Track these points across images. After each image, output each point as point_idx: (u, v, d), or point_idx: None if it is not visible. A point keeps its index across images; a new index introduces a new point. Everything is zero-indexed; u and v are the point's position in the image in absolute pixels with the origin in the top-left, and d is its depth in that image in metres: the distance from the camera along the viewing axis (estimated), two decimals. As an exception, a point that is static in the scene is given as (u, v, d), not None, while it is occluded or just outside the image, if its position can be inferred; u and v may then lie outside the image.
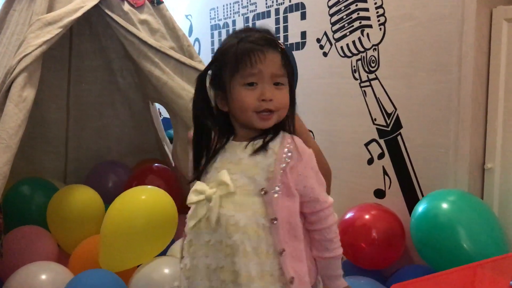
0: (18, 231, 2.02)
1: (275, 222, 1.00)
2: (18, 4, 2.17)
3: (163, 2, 2.17)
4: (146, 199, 1.82)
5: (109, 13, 2.05)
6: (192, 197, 1.03)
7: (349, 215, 1.85)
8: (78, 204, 2.07)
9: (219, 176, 1.01)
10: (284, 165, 1.02)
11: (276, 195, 1.01)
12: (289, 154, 1.03)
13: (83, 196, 2.12)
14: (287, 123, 1.08)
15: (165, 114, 2.75)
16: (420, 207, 1.62)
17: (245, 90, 1.03)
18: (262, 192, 1.00)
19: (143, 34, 2.05)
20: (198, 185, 1.03)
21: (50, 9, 1.97)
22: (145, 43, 2.05)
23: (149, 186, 1.94)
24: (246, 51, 1.03)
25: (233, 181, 1.01)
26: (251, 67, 1.02)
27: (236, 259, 0.98)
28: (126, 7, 2.07)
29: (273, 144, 1.05)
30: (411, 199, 1.86)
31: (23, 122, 1.74)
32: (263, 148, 1.03)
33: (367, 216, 1.83)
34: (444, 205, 1.57)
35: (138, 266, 1.78)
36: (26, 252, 1.94)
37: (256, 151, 1.03)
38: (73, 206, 2.06)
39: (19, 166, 2.17)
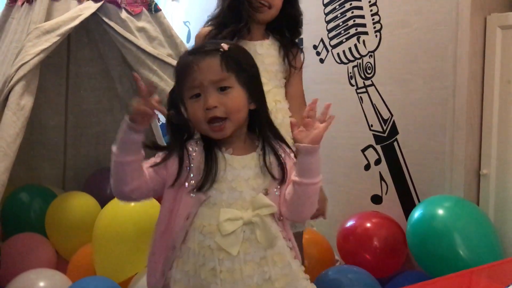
0: (17, 238, 2.03)
1: (280, 218, 1.10)
2: (16, 12, 2.18)
3: (160, 10, 2.19)
4: (135, 206, 1.84)
5: (107, 20, 2.07)
6: (228, 227, 1.02)
7: (349, 223, 1.85)
8: (77, 211, 2.08)
9: (259, 200, 1.05)
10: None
11: (277, 194, 1.09)
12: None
13: (81, 203, 2.12)
14: (260, 119, 1.10)
15: (163, 119, 2.76)
16: (416, 213, 1.63)
17: (193, 103, 1.05)
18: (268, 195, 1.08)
19: (141, 42, 2.06)
20: (228, 213, 1.03)
21: (48, 17, 1.98)
22: (143, 50, 2.06)
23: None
24: (184, 65, 1.06)
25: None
26: (191, 80, 1.04)
27: (281, 264, 1.06)
28: (124, 14, 2.09)
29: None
30: (408, 205, 1.87)
31: (21, 130, 1.75)
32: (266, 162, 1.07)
33: (368, 224, 1.84)
34: (440, 211, 1.59)
35: (135, 274, 1.78)
36: (25, 259, 1.94)
37: (262, 163, 1.08)
38: (71, 213, 2.07)
39: (18, 172, 2.18)
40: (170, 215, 1.07)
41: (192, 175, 1.05)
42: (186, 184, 1.05)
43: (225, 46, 1.05)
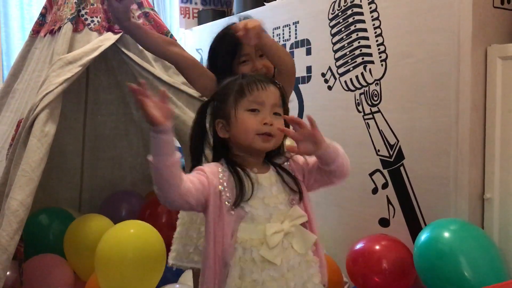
0: (36, 260, 2.11)
1: (307, 223, 1.21)
2: (39, 43, 2.30)
3: (176, 40, 2.29)
4: (134, 232, 1.92)
5: (125, 51, 2.18)
6: (275, 240, 1.12)
7: (358, 246, 1.91)
8: (94, 233, 2.15)
9: (295, 211, 1.17)
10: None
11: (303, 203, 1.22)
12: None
13: (98, 225, 2.20)
14: (280, 152, 1.24)
15: (177, 143, 2.85)
16: (423, 236, 1.69)
17: (249, 115, 1.17)
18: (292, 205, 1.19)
19: (157, 71, 2.17)
20: (274, 227, 1.13)
21: (70, 48, 2.09)
22: (159, 79, 2.16)
23: (138, 221, 2.05)
24: (253, 81, 1.19)
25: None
26: (257, 94, 1.17)
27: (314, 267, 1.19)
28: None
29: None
30: (415, 228, 1.92)
31: (44, 156, 1.84)
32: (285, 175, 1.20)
33: (377, 247, 1.89)
34: (446, 234, 1.64)
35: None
36: (44, 279, 2.02)
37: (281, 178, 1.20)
38: (88, 235, 2.15)
39: (37, 195, 2.26)
40: (215, 236, 1.13)
41: (228, 194, 1.14)
42: (226, 203, 1.14)
43: (279, 84, 1.24)
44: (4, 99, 2.34)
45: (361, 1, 2.09)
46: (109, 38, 2.14)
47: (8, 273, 1.79)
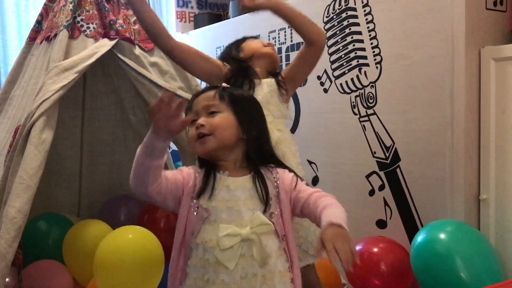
0: (35, 266, 2.11)
1: (284, 238, 1.18)
2: (35, 49, 2.30)
3: (172, 45, 2.30)
4: (132, 238, 1.93)
5: (122, 57, 2.18)
6: (226, 242, 1.11)
7: (356, 248, 1.91)
8: (92, 238, 2.16)
9: (257, 218, 1.13)
10: (277, 189, 1.19)
11: (278, 216, 1.17)
12: (278, 180, 1.20)
13: (97, 231, 2.20)
14: (252, 145, 1.22)
15: (174, 147, 2.86)
16: (419, 237, 1.70)
17: (190, 127, 1.21)
18: (271, 218, 1.16)
19: (154, 76, 2.17)
20: (228, 229, 1.11)
21: (66, 55, 2.09)
22: (155, 84, 2.17)
23: (136, 226, 2.06)
24: (190, 101, 1.26)
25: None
26: (190, 108, 1.24)
27: (271, 281, 1.13)
28: (138, 51, 2.20)
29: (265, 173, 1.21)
30: (411, 229, 1.93)
31: (42, 163, 1.84)
32: (261, 182, 1.18)
33: (375, 249, 1.89)
34: (442, 236, 1.65)
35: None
36: (43, 285, 2.01)
37: (255, 186, 1.18)
38: (87, 241, 2.14)
39: (35, 201, 2.26)
40: (183, 234, 1.17)
41: (196, 192, 1.17)
42: (192, 203, 1.16)
43: (225, 84, 1.26)
44: (1, 106, 2.34)
45: (355, 4, 2.10)
46: (105, 45, 2.15)
47: (7, 280, 1.79)
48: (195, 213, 1.15)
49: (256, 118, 1.27)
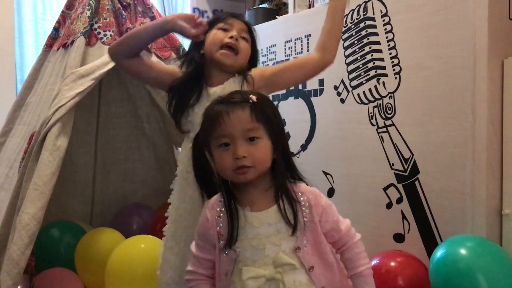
0: (47, 274, 2.09)
1: (311, 270, 1.12)
2: (52, 56, 2.32)
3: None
4: (145, 248, 1.91)
5: (138, 64, 2.18)
6: (251, 285, 1.08)
7: (374, 262, 1.87)
8: (104, 247, 2.15)
9: (280, 259, 1.09)
10: (306, 219, 1.11)
11: (305, 249, 1.11)
12: (306, 209, 1.13)
13: (109, 239, 2.19)
14: (280, 170, 1.14)
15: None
16: (439, 252, 1.64)
17: (221, 152, 1.10)
18: (297, 252, 1.10)
19: (170, 84, 2.16)
20: (251, 272, 1.08)
21: (83, 62, 2.10)
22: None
23: (148, 236, 2.04)
24: (214, 115, 1.11)
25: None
26: (220, 129, 1.09)
27: None
28: (154, 59, 2.20)
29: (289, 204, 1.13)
30: (430, 243, 1.88)
31: (56, 170, 1.84)
32: (286, 216, 1.11)
33: (392, 263, 1.83)
34: (463, 251, 1.59)
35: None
36: (55, 294, 2.00)
37: (282, 218, 1.11)
38: (99, 249, 2.14)
39: (48, 209, 2.26)
40: (218, 274, 1.14)
41: (222, 233, 1.12)
42: (219, 244, 1.12)
43: (253, 97, 1.11)
44: (17, 112, 2.35)
45: (374, 14, 2.07)
46: (122, 52, 2.15)
47: (19, 287, 1.78)
48: (224, 255, 1.12)
49: (283, 131, 1.19)
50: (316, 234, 1.13)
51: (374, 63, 2.09)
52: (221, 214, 1.13)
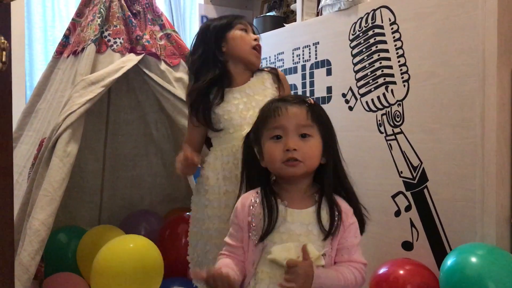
0: (55, 278, 2.10)
1: None
2: (62, 63, 2.34)
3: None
4: (133, 247, 1.92)
5: (147, 72, 2.20)
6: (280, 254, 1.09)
7: (382, 270, 1.86)
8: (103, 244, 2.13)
9: (311, 252, 1.09)
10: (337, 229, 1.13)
11: (329, 258, 1.14)
12: (339, 221, 1.14)
13: (110, 237, 2.18)
14: (326, 173, 1.17)
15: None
16: (449, 261, 1.64)
17: (272, 143, 1.13)
18: (324, 258, 1.11)
19: (179, 91, 2.18)
20: (280, 249, 1.09)
21: (93, 69, 2.12)
22: (180, 99, 2.17)
23: (136, 236, 2.04)
24: (273, 108, 1.15)
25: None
26: (275, 121, 1.13)
27: None
28: (163, 66, 2.22)
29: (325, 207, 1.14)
30: (439, 252, 1.88)
31: (66, 176, 1.85)
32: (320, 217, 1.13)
33: (401, 271, 1.82)
34: (473, 259, 1.59)
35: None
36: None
37: (317, 221, 1.13)
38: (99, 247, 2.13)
39: (57, 214, 2.26)
40: (247, 264, 1.15)
41: (253, 224, 1.13)
42: (250, 234, 1.13)
43: (311, 100, 1.17)
44: (27, 119, 2.37)
45: (382, 22, 2.08)
46: (132, 59, 2.17)
47: (28, 293, 1.78)
48: (254, 245, 1.12)
49: (335, 141, 1.21)
50: (337, 247, 1.15)
51: (382, 71, 2.09)
52: (256, 205, 1.14)
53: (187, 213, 2.56)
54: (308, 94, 2.50)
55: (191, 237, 1.69)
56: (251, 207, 1.14)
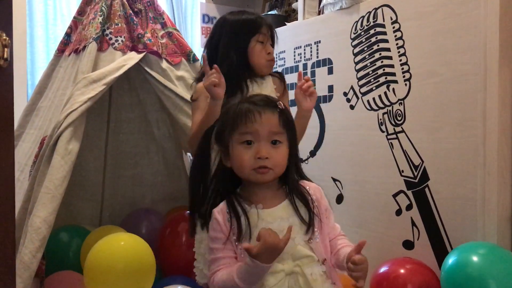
0: (56, 276, 2.10)
1: (324, 263, 1.15)
2: (64, 61, 2.34)
3: (198, 59, 2.31)
4: (125, 244, 1.93)
5: (149, 70, 2.20)
6: (271, 281, 1.08)
7: (383, 269, 1.86)
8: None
9: (299, 252, 1.10)
10: (315, 211, 1.17)
11: (317, 240, 1.15)
12: (314, 202, 1.17)
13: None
14: (293, 172, 1.19)
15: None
16: (450, 260, 1.64)
17: (242, 148, 1.12)
18: (310, 243, 1.13)
19: (180, 90, 2.18)
20: (270, 267, 1.08)
21: (94, 67, 2.11)
22: (181, 97, 2.17)
23: (128, 233, 2.05)
24: (244, 111, 1.13)
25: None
26: (248, 126, 1.11)
27: None
28: (164, 64, 2.22)
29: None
30: (440, 251, 1.87)
31: (68, 173, 1.85)
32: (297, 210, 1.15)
33: (402, 270, 1.82)
34: (475, 258, 1.59)
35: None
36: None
37: (294, 212, 1.14)
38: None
39: (58, 212, 2.27)
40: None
41: (235, 236, 1.14)
42: (236, 245, 1.14)
43: (281, 104, 1.16)
44: (28, 117, 2.37)
45: (384, 21, 2.08)
46: (133, 58, 2.17)
47: (29, 290, 1.78)
48: (242, 255, 1.12)
49: (296, 139, 1.24)
50: (323, 228, 1.16)
51: (384, 70, 2.09)
52: (231, 216, 1.14)
53: (188, 211, 2.57)
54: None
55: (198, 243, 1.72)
56: (228, 220, 1.14)
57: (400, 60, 2.01)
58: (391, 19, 2.05)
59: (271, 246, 1.01)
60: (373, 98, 2.15)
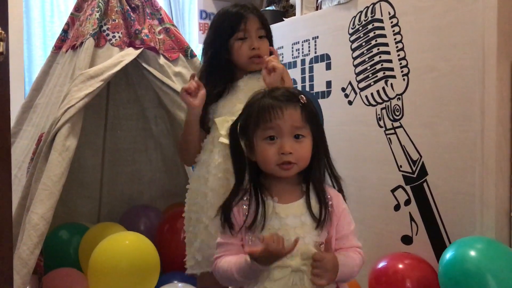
0: (55, 273, 2.10)
1: None
2: (61, 58, 2.33)
3: (196, 55, 2.31)
4: (129, 243, 1.93)
5: (146, 66, 2.19)
6: (277, 274, 1.10)
7: (382, 264, 1.86)
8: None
9: (307, 251, 1.11)
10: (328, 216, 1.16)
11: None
12: (330, 208, 1.17)
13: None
14: (315, 171, 1.19)
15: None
16: (448, 254, 1.64)
17: (266, 144, 1.13)
18: (320, 245, 1.13)
19: (177, 86, 2.17)
20: (278, 261, 1.09)
21: (92, 63, 2.10)
22: (179, 94, 2.16)
23: (132, 232, 2.05)
24: (266, 107, 1.14)
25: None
26: (270, 122, 1.12)
27: None
28: (162, 60, 2.21)
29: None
30: (439, 246, 1.88)
31: (65, 170, 1.84)
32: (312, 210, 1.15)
33: (400, 265, 1.83)
34: (472, 253, 1.59)
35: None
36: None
37: (308, 211, 1.15)
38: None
39: (56, 209, 2.26)
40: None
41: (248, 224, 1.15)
42: (246, 236, 1.15)
43: (303, 98, 1.16)
44: (25, 114, 2.36)
45: (382, 16, 2.08)
46: (130, 54, 2.16)
47: (27, 287, 1.78)
48: (250, 242, 1.13)
49: (324, 133, 1.23)
50: (330, 232, 1.16)
51: (382, 65, 2.09)
52: (248, 205, 1.16)
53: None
54: (307, 89, 2.50)
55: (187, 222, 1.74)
56: (245, 207, 1.16)
57: (398, 55, 2.01)
58: (389, 14, 2.04)
59: (272, 253, 1.03)
60: (371, 94, 2.15)
